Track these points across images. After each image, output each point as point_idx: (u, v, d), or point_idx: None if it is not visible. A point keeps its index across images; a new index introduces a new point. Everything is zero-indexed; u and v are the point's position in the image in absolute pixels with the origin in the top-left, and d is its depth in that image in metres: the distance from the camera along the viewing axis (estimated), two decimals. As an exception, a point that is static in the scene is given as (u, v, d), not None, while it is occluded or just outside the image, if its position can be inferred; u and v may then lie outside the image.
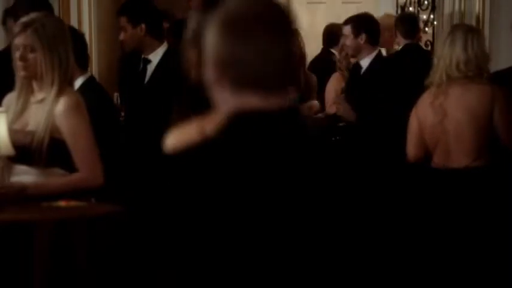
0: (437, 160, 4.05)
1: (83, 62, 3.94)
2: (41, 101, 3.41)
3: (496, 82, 4.02)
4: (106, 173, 3.45)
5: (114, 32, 5.10)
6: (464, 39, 3.97)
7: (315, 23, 7.07)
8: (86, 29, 5.33)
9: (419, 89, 4.13)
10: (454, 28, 4.25)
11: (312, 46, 6.89)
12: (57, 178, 3.43)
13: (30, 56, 3.36)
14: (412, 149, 4.13)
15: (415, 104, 4.13)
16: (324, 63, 6.52)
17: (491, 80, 4.03)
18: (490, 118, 3.91)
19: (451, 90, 3.98)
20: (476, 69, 3.96)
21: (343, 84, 6.01)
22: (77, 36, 3.95)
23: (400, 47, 5.83)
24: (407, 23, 5.85)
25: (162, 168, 1.63)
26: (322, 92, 6.14)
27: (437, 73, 4.00)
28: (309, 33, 7.07)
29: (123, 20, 4.38)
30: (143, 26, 4.36)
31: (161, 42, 4.41)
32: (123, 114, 4.53)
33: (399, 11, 6.66)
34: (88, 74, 4.02)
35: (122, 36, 4.42)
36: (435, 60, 4.04)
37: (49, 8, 4.46)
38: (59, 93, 3.38)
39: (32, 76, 3.40)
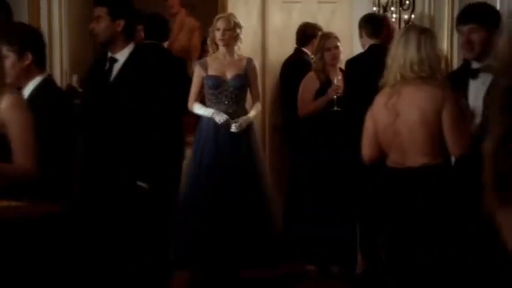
0: (392, 160, 4.04)
1: (41, 62, 3.90)
2: None
3: (450, 82, 4.03)
4: (57, 170, 3.45)
5: (86, 27, 5.04)
6: (418, 40, 3.97)
7: (290, 23, 7.04)
8: (56, 24, 5.24)
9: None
10: (407, 29, 4.25)
11: (287, 46, 6.88)
12: None
13: None
14: (367, 149, 4.13)
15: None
16: (297, 63, 6.51)
17: (447, 80, 4.03)
18: (440, 120, 3.91)
19: (404, 91, 3.97)
20: (429, 70, 3.96)
21: (318, 85, 6.03)
22: (35, 36, 3.90)
23: (366, 48, 5.84)
24: (372, 23, 5.86)
25: None
26: (296, 90, 6.14)
27: (391, 74, 4.00)
28: (284, 33, 7.07)
29: (102, 11, 4.30)
30: (122, 22, 4.30)
31: (130, 42, 4.36)
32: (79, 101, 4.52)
33: (381, 11, 6.66)
34: (45, 74, 3.97)
35: (95, 26, 4.33)
36: (389, 61, 4.03)
37: (5, 8, 4.42)
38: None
39: None
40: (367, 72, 5.14)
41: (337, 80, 5.92)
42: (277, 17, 7.19)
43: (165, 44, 5.72)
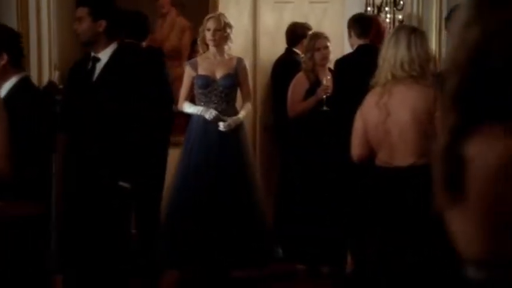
0: (381, 159, 4.05)
1: (17, 62, 3.90)
2: None
3: (438, 81, 4.03)
4: (35, 170, 3.44)
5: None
6: (408, 39, 3.99)
7: (282, 23, 7.04)
8: (44, 24, 5.24)
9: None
10: (397, 29, 4.27)
11: (279, 46, 6.88)
12: None
13: None
14: (356, 148, 4.14)
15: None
16: (288, 63, 6.51)
17: (435, 79, 4.04)
18: (431, 119, 3.90)
19: (395, 90, 3.99)
20: (420, 69, 3.97)
21: (307, 85, 6.03)
22: (11, 36, 3.91)
23: (355, 48, 5.84)
24: (360, 23, 5.86)
25: None
26: (287, 90, 6.14)
27: (382, 73, 4.02)
28: (276, 33, 7.07)
29: (84, 11, 4.33)
30: (104, 22, 4.32)
31: (113, 42, 4.37)
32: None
33: (375, 11, 6.66)
34: (23, 74, 3.98)
35: (77, 26, 4.36)
36: (380, 61, 4.05)
37: None
38: None
39: None
40: (355, 72, 5.16)
41: (326, 80, 5.92)
42: (268, 17, 7.19)
43: (144, 43, 5.67)
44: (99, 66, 4.32)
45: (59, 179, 4.74)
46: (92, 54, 4.37)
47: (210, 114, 5.69)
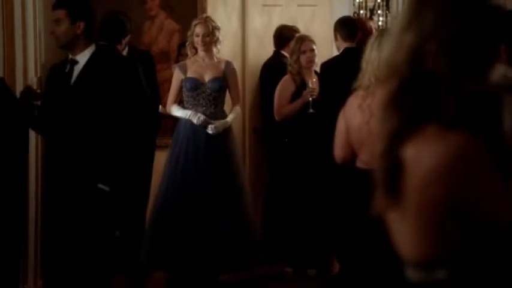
0: (363, 160, 4.06)
1: None
2: None
3: None
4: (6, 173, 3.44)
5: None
6: None
7: (270, 26, 7.05)
8: (30, 26, 5.25)
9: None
10: (380, 32, 4.28)
11: (268, 49, 6.90)
12: None
13: None
14: (339, 150, 4.15)
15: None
16: (276, 65, 6.52)
17: None
18: None
19: (378, 92, 3.98)
20: None
21: (294, 88, 6.04)
22: None
23: (341, 51, 5.85)
24: (346, 26, 5.87)
25: None
26: (274, 93, 6.15)
27: (366, 76, 4.02)
28: (264, 36, 7.08)
29: (61, 13, 4.28)
30: (82, 24, 4.28)
31: (91, 44, 4.35)
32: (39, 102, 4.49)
33: (368, 14, 6.68)
34: None
35: (55, 29, 4.31)
36: (364, 64, 4.05)
37: None
38: None
39: None
40: (341, 75, 5.16)
41: (312, 82, 5.93)
42: (257, 20, 7.20)
43: (121, 45, 5.65)
44: (77, 69, 4.29)
45: (40, 181, 4.77)
46: (70, 56, 4.34)
47: (198, 119, 5.71)
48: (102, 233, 4.16)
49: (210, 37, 5.81)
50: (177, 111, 5.84)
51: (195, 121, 5.71)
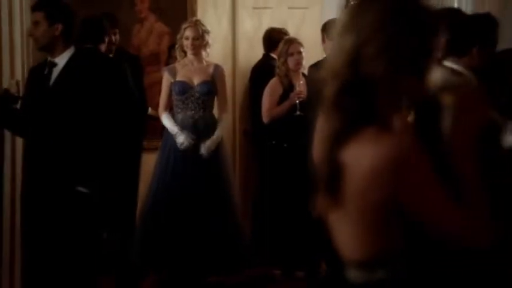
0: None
1: None
2: None
3: None
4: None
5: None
6: None
7: (260, 28, 7.06)
8: (17, 28, 5.25)
9: None
10: None
11: (258, 51, 6.91)
12: None
13: None
14: (317, 150, 4.14)
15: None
16: (265, 68, 6.53)
17: None
18: None
19: None
20: None
21: (281, 90, 6.04)
22: None
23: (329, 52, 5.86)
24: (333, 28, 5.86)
25: None
26: (261, 95, 6.16)
27: None
28: (255, 39, 7.09)
29: (40, 15, 4.30)
30: (60, 26, 4.30)
31: (70, 46, 4.36)
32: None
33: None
34: None
35: (32, 31, 4.34)
36: None
37: None
38: None
39: None
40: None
41: (299, 84, 5.94)
42: (247, 23, 7.22)
43: (102, 47, 5.65)
44: (56, 71, 4.29)
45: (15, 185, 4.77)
46: (49, 59, 4.35)
47: (181, 144, 5.70)
48: (86, 235, 4.15)
49: (200, 40, 5.82)
50: (166, 122, 5.83)
51: (178, 144, 5.70)
